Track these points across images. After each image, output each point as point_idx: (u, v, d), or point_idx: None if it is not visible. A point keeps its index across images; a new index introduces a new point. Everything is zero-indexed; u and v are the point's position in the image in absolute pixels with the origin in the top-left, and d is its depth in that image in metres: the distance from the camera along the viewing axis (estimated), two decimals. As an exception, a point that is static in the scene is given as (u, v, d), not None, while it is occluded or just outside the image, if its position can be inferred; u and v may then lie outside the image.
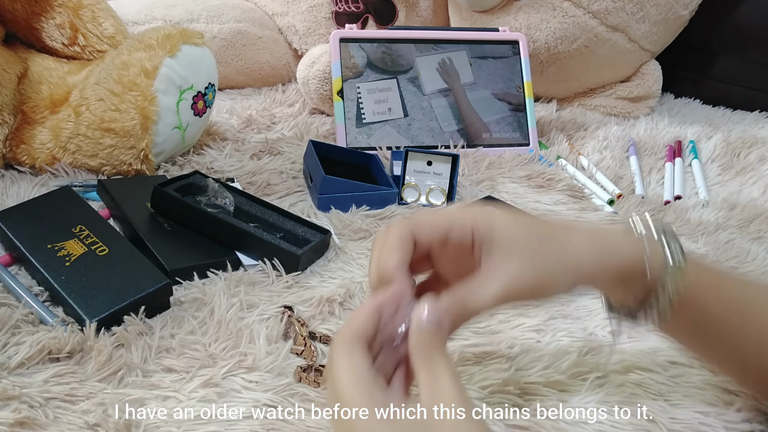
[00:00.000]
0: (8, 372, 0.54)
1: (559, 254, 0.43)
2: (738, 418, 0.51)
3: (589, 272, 0.44)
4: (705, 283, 0.46)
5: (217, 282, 0.67)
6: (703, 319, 0.46)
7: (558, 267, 0.43)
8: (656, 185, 0.97)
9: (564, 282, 0.44)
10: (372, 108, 1.02)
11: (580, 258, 0.44)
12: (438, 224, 0.44)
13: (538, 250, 0.43)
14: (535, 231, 0.44)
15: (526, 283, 0.42)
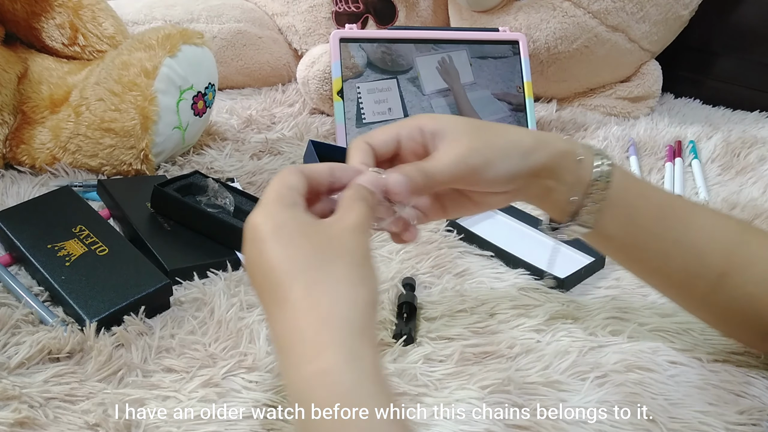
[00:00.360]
0: (8, 372, 0.54)
1: (501, 136, 0.49)
2: (738, 419, 0.51)
3: (529, 149, 0.49)
4: (631, 186, 0.51)
5: (217, 282, 0.67)
6: (630, 221, 0.51)
7: (503, 145, 0.49)
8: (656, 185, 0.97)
9: (511, 162, 0.49)
10: (372, 108, 1.02)
11: (522, 138, 0.50)
12: (386, 130, 0.49)
13: (483, 133, 0.49)
14: (477, 122, 0.50)
15: (476, 157, 0.48)
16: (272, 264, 0.39)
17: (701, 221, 0.52)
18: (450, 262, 0.72)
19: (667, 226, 0.51)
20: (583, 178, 0.50)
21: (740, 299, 0.51)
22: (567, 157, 0.50)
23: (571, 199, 0.51)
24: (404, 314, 0.63)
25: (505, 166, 0.49)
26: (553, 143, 0.50)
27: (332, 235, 0.40)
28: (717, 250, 0.51)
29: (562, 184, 0.51)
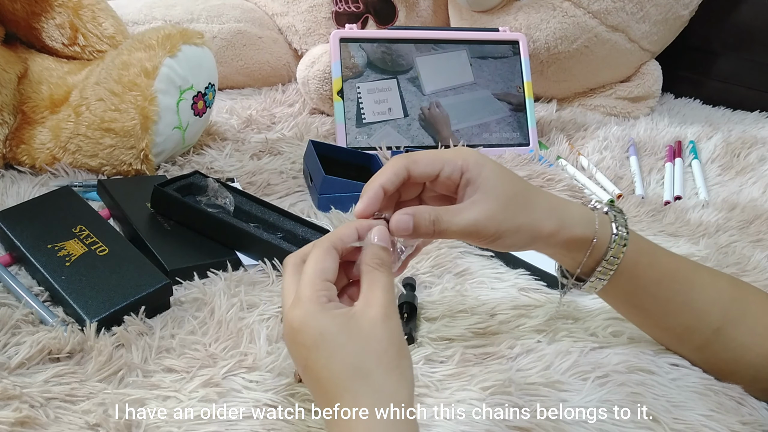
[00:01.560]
0: (8, 372, 0.54)
1: (526, 214, 0.50)
2: (742, 428, 0.51)
3: (546, 236, 0.51)
4: (642, 253, 0.54)
5: (218, 282, 0.67)
6: (638, 283, 0.54)
7: (522, 225, 0.50)
8: (656, 185, 0.96)
9: (522, 239, 0.51)
10: (372, 108, 1.02)
11: (543, 223, 0.51)
12: (432, 161, 0.50)
13: (512, 203, 0.50)
14: (515, 186, 0.51)
15: (491, 227, 0.49)
16: (319, 375, 0.42)
17: (700, 281, 0.55)
18: (450, 262, 0.72)
19: (671, 289, 0.54)
20: (594, 254, 0.52)
21: (734, 350, 0.54)
22: (581, 244, 0.52)
23: (578, 271, 0.54)
24: (405, 314, 0.63)
25: (512, 241, 0.50)
26: (570, 231, 0.51)
27: (366, 333, 0.43)
28: (714, 307, 0.54)
29: (572, 258, 0.53)
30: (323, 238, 0.47)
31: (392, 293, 0.45)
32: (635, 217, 0.86)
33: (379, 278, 0.45)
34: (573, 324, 0.62)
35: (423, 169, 0.50)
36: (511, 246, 0.51)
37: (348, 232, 0.47)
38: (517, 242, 0.51)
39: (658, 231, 0.82)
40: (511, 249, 0.54)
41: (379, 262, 0.46)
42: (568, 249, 0.52)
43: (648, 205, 0.88)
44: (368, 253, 0.47)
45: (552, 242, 0.52)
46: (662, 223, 0.85)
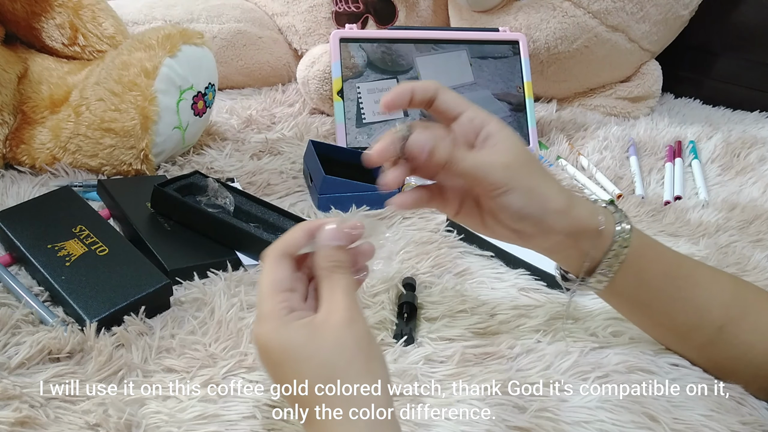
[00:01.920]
0: (9, 372, 0.54)
1: (539, 180, 0.50)
2: (742, 428, 0.51)
3: (555, 210, 0.50)
4: (646, 250, 0.53)
5: (218, 282, 0.67)
6: (642, 281, 0.53)
7: (534, 188, 0.49)
8: (656, 185, 0.96)
9: (531, 205, 0.49)
10: (372, 108, 1.02)
11: (554, 195, 0.50)
12: (461, 99, 0.51)
13: (526, 165, 0.50)
14: (530, 155, 0.51)
15: (503, 175, 0.48)
16: (291, 389, 0.42)
17: (702, 278, 0.55)
18: (450, 262, 0.72)
19: (675, 285, 0.54)
20: (600, 245, 0.52)
21: (737, 347, 0.53)
22: (588, 229, 0.51)
23: (585, 264, 0.52)
24: (405, 314, 0.63)
25: (521, 202, 0.49)
26: (577, 214, 0.51)
27: (331, 341, 0.42)
28: (717, 304, 0.54)
29: (577, 248, 0.52)
30: (273, 246, 0.46)
31: (353, 294, 0.44)
32: (635, 217, 0.86)
33: (338, 281, 0.44)
34: (573, 324, 0.62)
35: (451, 99, 0.50)
36: (518, 210, 0.49)
37: (296, 236, 0.46)
38: (526, 205, 0.49)
39: (658, 231, 0.82)
40: (517, 216, 0.50)
41: (334, 264, 0.45)
42: (574, 237, 0.51)
43: (648, 205, 0.88)
44: (321, 256, 0.45)
45: (559, 222, 0.50)
46: (662, 223, 0.85)
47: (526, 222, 0.50)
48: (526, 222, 0.50)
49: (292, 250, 0.46)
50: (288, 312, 0.43)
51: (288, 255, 0.46)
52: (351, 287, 0.45)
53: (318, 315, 0.43)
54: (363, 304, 0.65)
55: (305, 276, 0.47)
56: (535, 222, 0.50)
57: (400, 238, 0.77)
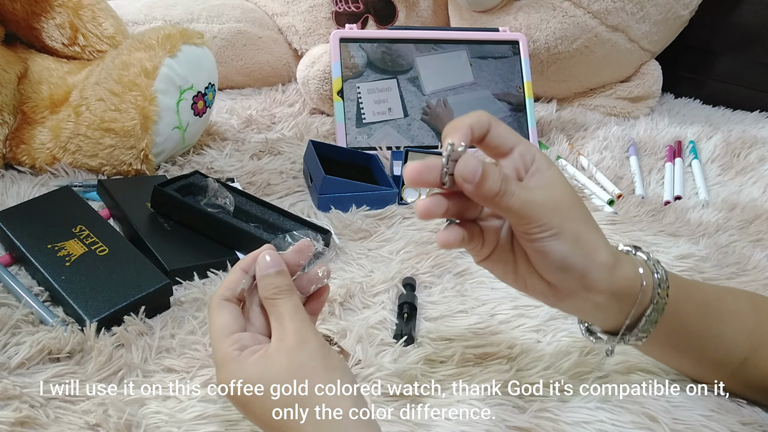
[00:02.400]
0: (9, 372, 0.54)
1: (587, 227, 0.46)
2: (742, 429, 0.51)
3: (600, 264, 0.45)
4: (680, 295, 0.49)
5: (217, 282, 0.67)
6: (679, 321, 0.49)
7: (582, 234, 0.45)
8: (656, 185, 0.96)
9: (575, 250, 0.44)
10: (372, 108, 1.02)
11: (600, 247, 0.46)
12: (512, 132, 0.46)
13: (576, 208, 0.45)
14: (578, 199, 0.46)
15: (554, 216, 0.44)
16: (266, 422, 0.44)
17: (727, 311, 0.51)
18: (450, 262, 0.72)
19: (706, 324, 0.50)
20: (642, 301, 0.47)
21: (755, 377, 0.51)
22: (632, 289, 0.47)
23: (626, 322, 0.48)
24: (405, 314, 0.63)
25: (567, 249, 0.44)
26: (623, 272, 0.46)
27: (287, 365, 0.43)
28: (741, 337, 0.51)
29: (619, 309, 0.47)
30: (214, 294, 0.48)
31: (301, 314, 0.45)
32: (635, 217, 0.86)
33: (282, 306, 0.45)
34: (573, 324, 0.62)
35: (503, 133, 0.46)
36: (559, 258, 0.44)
37: (233, 278, 0.47)
38: (568, 254, 0.44)
39: (658, 231, 0.82)
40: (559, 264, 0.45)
41: (275, 291, 0.46)
42: (617, 297, 0.46)
43: (648, 205, 0.88)
44: (261, 287, 0.46)
45: (604, 279, 0.45)
46: (662, 223, 0.85)
47: (569, 274, 0.45)
48: (569, 274, 0.45)
49: (231, 293, 0.47)
50: (240, 351, 0.44)
51: (228, 298, 0.47)
52: (296, 309, 0.45)
53: (270, 344, 0.45)
54: (363, 304, 0.65)
55: (260, 308, 0.48)
56: (579, 275, 0.45)
57: (400, 238, 0.77)
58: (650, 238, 0.80)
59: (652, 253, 0.76)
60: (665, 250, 0.77)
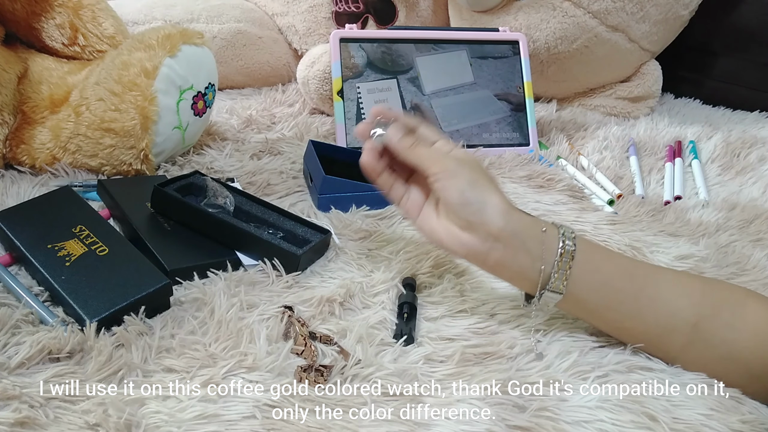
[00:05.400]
0: (8, 372, 0.54)
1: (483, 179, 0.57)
2: (742, 427, 0.51)
3: (493, 203, 0.55)
4: (596, 251, 0.56)
5: (217, 282, 0.67)
6: (601, 283, 0.55)
7: (478, 179, 0.56)
8: (656, 185, 0.97)
9: (475, 193, 0.55)
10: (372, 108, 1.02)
11: (494, 197, 0.56)
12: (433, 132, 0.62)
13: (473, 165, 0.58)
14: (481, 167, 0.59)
15: (452, 164, 0.57)
16: None
17: (664, 277, 0.56)
18: (450, 262, 0.72)
19: (637, 285, 0.55)
20: (549, 247, 0.55)
21: (717, 346, 0.54)
22: (531, 227, 0.56)
23: (541, 267, 0.55)
24: (405, 314, 0.63)
25: (464, 186, 0.55)
26: (518, 215, 0.56)
27: None
28: (686, 302, 0.54)
29: (528, 253, 0.55)
30: None
31: None
32: (635, 217, 0.86)
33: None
34: (573, 324, 0.62)
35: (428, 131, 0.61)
36: (461, 195, 0.55)
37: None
38: (467, 190, 0.55)
39: (658, 231, 0.82)
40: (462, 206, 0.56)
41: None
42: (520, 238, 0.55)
43: (648, 205, 0.88)
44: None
45: (500, 219, 0.54)
46: (662, 223, 0.85)
47: (468, 207, 0.55)
48: (468, 207, 0.55)
49: None
50: None
51: None
52: None
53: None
54: (363, 304, 0.66)
55: None
56: (476, 210, 0.55)
57: (400, 238, 0.77)
58: (650, 238, 0.80)
59: (653, 253, 0.76)
60: (665, 250, 0.77)
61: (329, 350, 0.59)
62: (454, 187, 0.55)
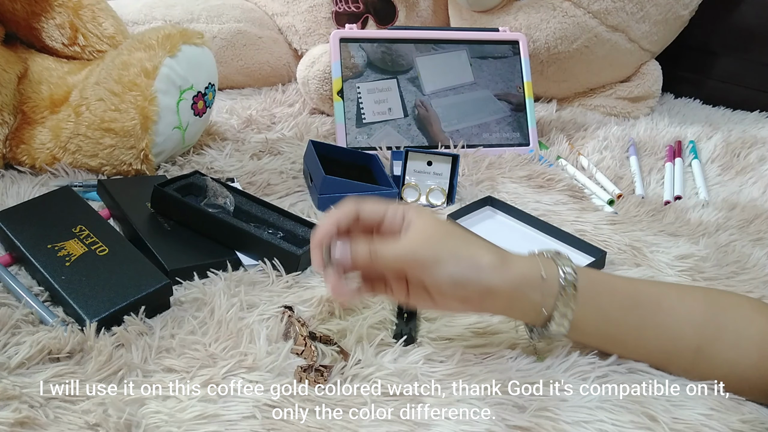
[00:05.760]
0: (8, 372, 0.54)
1: (464, 245, 0.52)
2: (742, 427, 0.51)
3: (487, 265, 0.51)
4: (598, 284, 0.54)
5: (217, 282, 0.67)
6: (603, 317, 0.54)
7: (460, 252, 0.52)
8: (656, 185, 0.96)
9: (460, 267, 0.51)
10: (372, 108, 1.02)
11: (482, 252, 0.52)
12: (378, 204, 0.56)
13: (448, 236, 0.53)
14: (452, 227, 0.55)
15: (429, 248, 0.51)
16: None
17: (668, 302, 0.54)
18: (450, 262, 0.72)
19: (639, 314, 0.54)
20: (550, 291, 0.52)
21: (721, 367, 0.53)
22: (530, 280, 0.52)
23: (543, 311, 0.53)
24: (405, 314, 0.63)
25: (451, 269, 0.51)
26: (515, 267, 0.52)
27: None
28: (688, 327, 0.53)
29: (528, 301, 0.53)
30: None
31: None
32: (635, 217, 0.86)
33: None
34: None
35: (370, 209, 0.55)
36: (451, 278, 0.51)
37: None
38: (459, 272, 0.51)
39: (658, 231, 0.82)
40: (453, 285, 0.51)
41: None
42: (521, 290, 0.52)
43: (648, 205, 0.88)
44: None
45: (498, 278, 0.51)
46: (662, 222, 0.85)
47: (466, 287, 0.51)
48: (466, 287, 0.51)
49: None
50: None
51: None
52: None
53: None
54: (363, 304, 0.65)
55: None
56: (474, 283, 0.51)
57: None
58: (650, 238, 0.80)
59: (653, 253, 0.76)
60: (665, 250, 0.77)
61: (329, 350, 0.59)
62: (440, 275, 0.51)
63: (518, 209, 0.83)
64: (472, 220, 0.81)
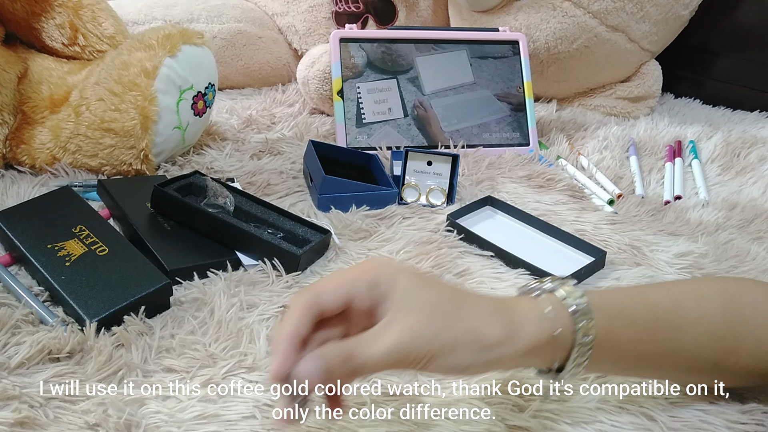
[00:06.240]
0: (8, 372, 0.54)
1: (463, 320, 0.43)
2: (740, 417, 0.51)
3: (494, 344, 0.43)
4: (612, 318, 0.47)
5: (217, 282, 0.67)
6: (621, 348, 0.48)
7: (460, 337, 0.42)
8: (656, 185, 0.96)
9: (466, 355, 0.42)
10: (372, 108, 1.02)
11: (486, 330, 0.43)
12: (339, 291, 0.43)
13: (441, 313, 0.42)
14: (440, 293, 0.43)
15: (421, 345, 0.41)
16: None
17: (685, 319, 0.50)
18: (450, 262, 0.72)
19: (656, 341, 0.49)
20: (563, 345, 0.46)
21: (738, 373, 0.51)
22: (542, 343, 0.45)
23: (555, 363, 0.47)
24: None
25: (453, 360, 0.42)
26: (525, 336, 0.44)
27: None
28: (708, 342, 0.50)
29: (538, 361, 0.47)
30: None
31: None
32: (635, 217, 0.86)
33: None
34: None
35: (331, 302, 0.42)
36: (456, 367, 0.42)
37: None
38: (461, 360, 0.42)
39: (658, 231, 0.82)
40: (458, 372, 0.43)
41: None
42: (531, 355, 0.45)
43: (648, 205, 0.88)
44: None
45: (506, 353, 0.43)
46: (662, 222, 0.85)
47: (470, 368, 0.43)
48: (470, 368, 0.43)
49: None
50: None
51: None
52: None
53: None
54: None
55: None
56: (480, 364, 0.43)
57: (400, 238, 0.77)
58: (650, 238, 0.80)
59: (653, 252, 0.76)
60: (665, 249, 0.77)
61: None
62: (440, 366, 0.42)
63: (518, 209, 0.83)
64: (472, 220, 0.82)
